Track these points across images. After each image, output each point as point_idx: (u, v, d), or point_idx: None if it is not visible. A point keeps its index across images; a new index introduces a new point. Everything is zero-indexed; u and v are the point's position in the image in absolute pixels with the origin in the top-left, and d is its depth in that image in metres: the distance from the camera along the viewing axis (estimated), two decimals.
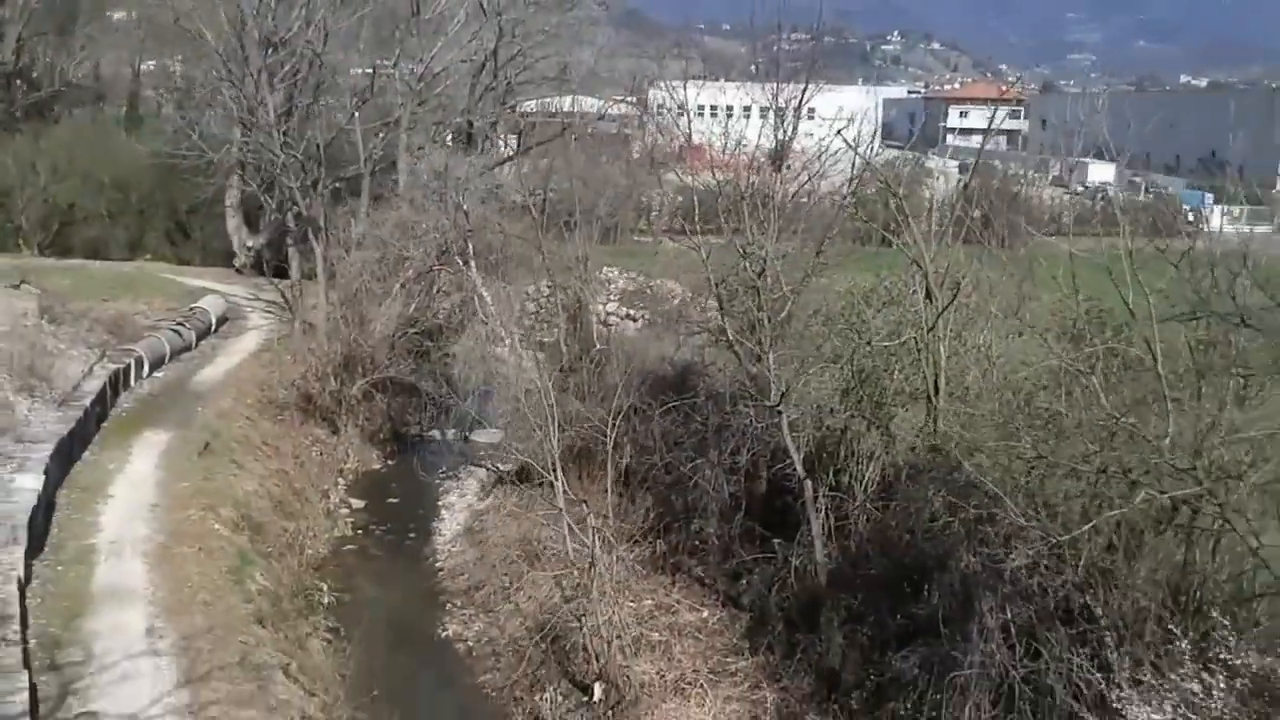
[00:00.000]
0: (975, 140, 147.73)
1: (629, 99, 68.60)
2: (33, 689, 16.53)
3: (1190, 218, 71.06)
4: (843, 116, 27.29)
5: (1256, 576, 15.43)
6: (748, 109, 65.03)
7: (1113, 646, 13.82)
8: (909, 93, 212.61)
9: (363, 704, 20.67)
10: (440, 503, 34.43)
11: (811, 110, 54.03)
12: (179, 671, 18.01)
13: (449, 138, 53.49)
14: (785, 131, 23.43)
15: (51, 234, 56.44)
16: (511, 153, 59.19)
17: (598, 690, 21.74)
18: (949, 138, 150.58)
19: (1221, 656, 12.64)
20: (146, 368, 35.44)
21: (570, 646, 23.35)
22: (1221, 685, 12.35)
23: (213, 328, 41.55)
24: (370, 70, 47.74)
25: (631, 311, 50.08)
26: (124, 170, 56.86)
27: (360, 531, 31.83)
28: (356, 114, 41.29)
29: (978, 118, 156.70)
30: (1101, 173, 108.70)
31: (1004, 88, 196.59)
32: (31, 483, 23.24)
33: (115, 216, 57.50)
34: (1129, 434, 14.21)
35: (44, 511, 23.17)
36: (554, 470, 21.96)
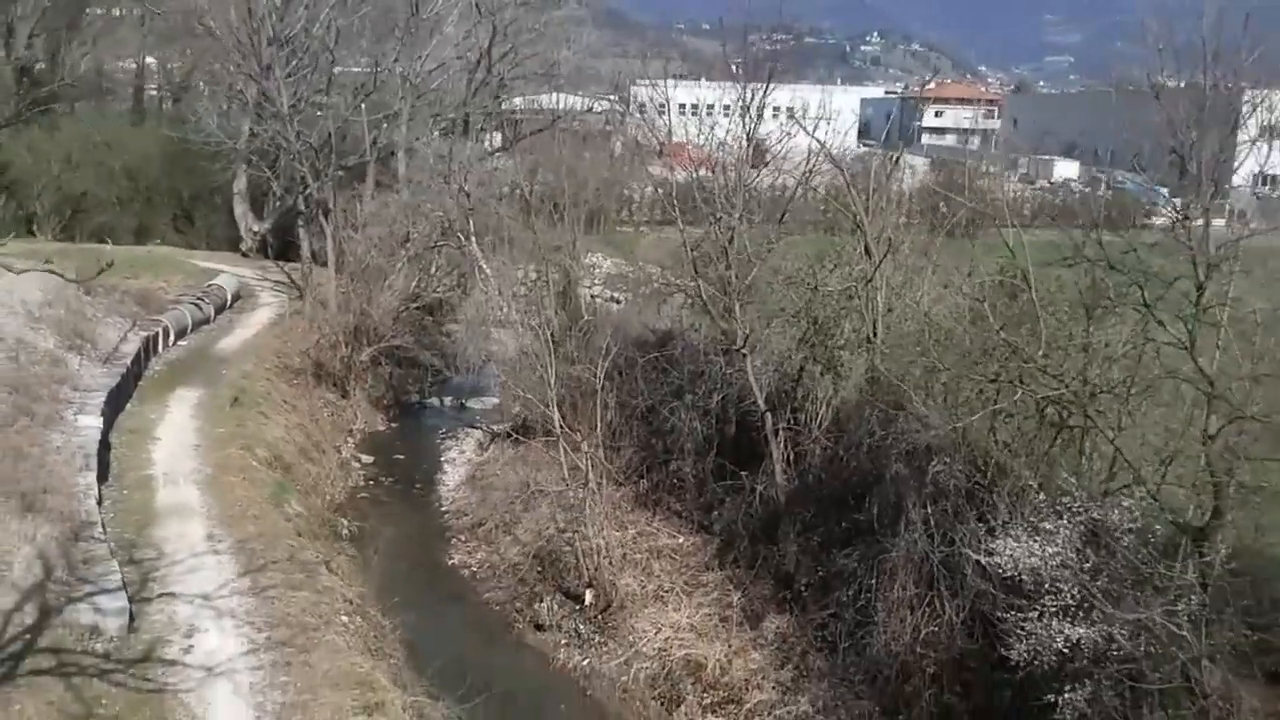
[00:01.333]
0: (949, 139, 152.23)
1: (611, 97, 72.12)
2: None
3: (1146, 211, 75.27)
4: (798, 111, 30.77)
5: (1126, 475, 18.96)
6: (727, 107, 68.41)
7: (1004, 516, 17.32)
8: (886, 93, 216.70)
9: (386, 608, 24.03)
10: (442, 459, 37.85)
11: (791, 110, 57.64)
12: (239, 565, 21.44)
13: (438, 131, 56.81)
14: (751, 125, 26.92)
15: (65, 220, 59.38)
16: (499, 146, 62.55)
17: (589, 596, 25.28)
18: (924, 136, 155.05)
19: (1065, 502, 16.19)
20: (172, 336, 38.72)
21: (564, 567, 26.89)
22: (1066, 524, 15.90)
23: (228, 303, 44.77)
24: (371, 66, 50.93)
25: (615, 294, 53.54)
26: (134, 160, 59.88)
27: (371, 482, 35.14)
28: (363, 106, 44.60)
29: (952, 117, 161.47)
30: (1066, 169, 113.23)
31: (983, 88, 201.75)
32: (93, 422, 26.59)
33: (125, 204, 60.45)
34: (1014, 350, 17.81)
35: (103, 448, 26.47)
36: (551, 405, 25.40)
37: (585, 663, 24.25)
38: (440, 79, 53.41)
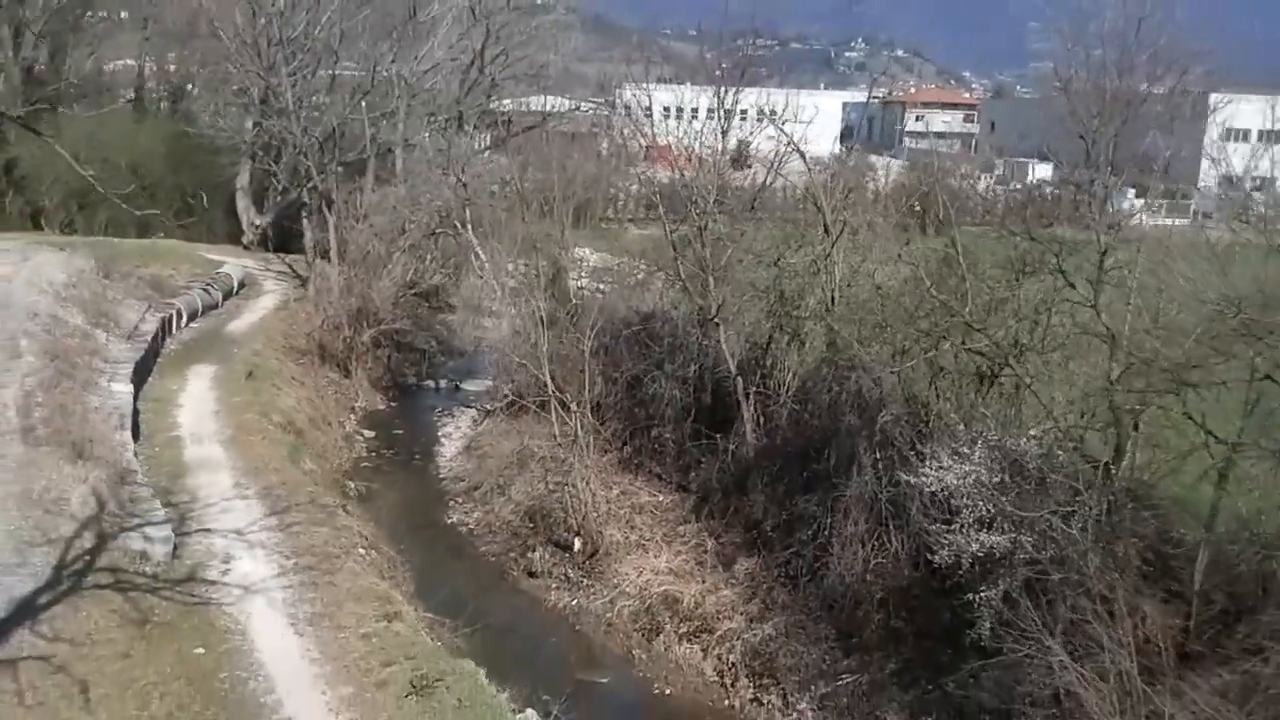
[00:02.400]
0: (929, 142, 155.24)
1: (597, 100, 74.99)
2: None
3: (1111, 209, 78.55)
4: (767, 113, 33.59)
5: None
6: (711, 111, 71.37)
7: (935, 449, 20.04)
8: (869, 97, 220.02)
9: (398, 550, 26.64)
10: (439, 433, 40.40)
11: (774, 112, 60.52)
12: (265, 507, 24.04)
13: (429, 131, 59.45)
14: (724, 122, 29.78)
15: (71, 215, 61.88)
16: (490, 145, 65.22)
17: (577, 543, 27.92)
18: (905, 140, 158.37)
19: (979, 429, 18.89)
20: (185, 319, 41.23)
21: (554, 522, 29.49)
22: (980, 448, 18.60)
23: (234, 290, 47.31)
24: (369, 67, 53.50)
25: (601, 285, 56.21)
26: (139, 156, 62.24)
27: (373, 453, 37.65)
28: (364, 104, 47.23)
29: (933, 121, 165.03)
30: (1042, 172, 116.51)
31: (967, 94, 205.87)
32: (124, 388, 29.15)
33: (130, 199, 62.71)
34: (946, 308, 20.54)
35: (134, 412, 28.98)
36: (543, 367, 28.03)
37: (574, 602, 26.88)
38: (434, 79, 56.02)
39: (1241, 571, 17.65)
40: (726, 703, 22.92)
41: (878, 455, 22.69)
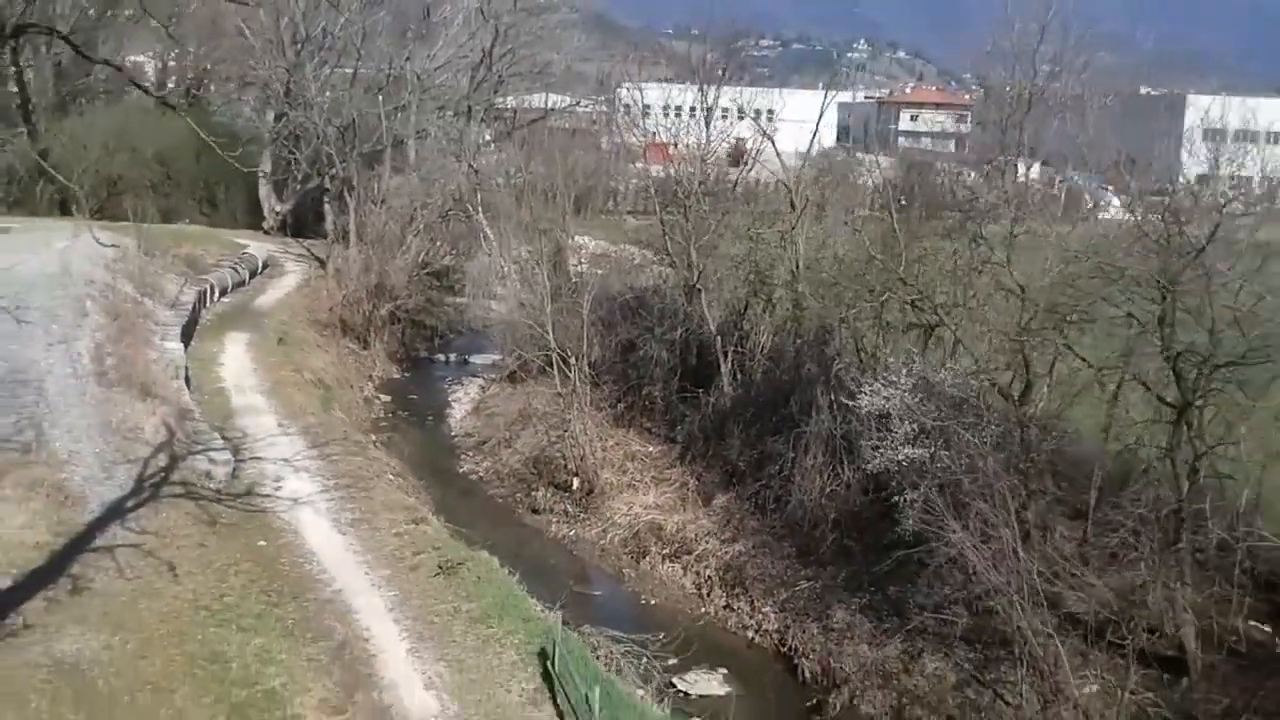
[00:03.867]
0: (924, 142, 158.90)
1: (598, 99, 78.91)
2: None
3: (1090, 204, 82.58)
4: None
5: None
6: (709, 109, 75.36)
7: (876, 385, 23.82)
8: (865, 98, 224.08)
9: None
10: (450, 399, 44.23)
11: (770, 112, 64.37)
12: (306, 441, 27.87)
13: (444, 121, 63.25)
14: (709, 113, 33.70)
15: (101, 202, 65.60)
16: (492, 137, 69.04)
17: (575, 483, 31.70)
18: (900, 140, 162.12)
19: (904, 360, 22.68)
20: (217, 293, 45.02)
21: (555, 467, 33.27)
22: (907, 375, 22.36)
23: (259, 269, 51.11)
24: (386, 64, 57.37)
25: (600, 271, 59.95)
26: (165, 146, 65.99)
27: (390, 414, 41.41)
28: (381, 97, 51.07)
29: (926, 121, 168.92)
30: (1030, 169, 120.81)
31: (967, 95, 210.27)
32: (176, 345, 32.98)
33: (156, 187, 66.65)
34: (885, 267, 24.36)
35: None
36: (548, 328, 31.80)
37: (571, 532, 30.66)
38: (445, 76, 59.83)
39: (1112, 471, 21.42)
40: (703, 610, 26.68)
41: (833, 398, 26.46)
